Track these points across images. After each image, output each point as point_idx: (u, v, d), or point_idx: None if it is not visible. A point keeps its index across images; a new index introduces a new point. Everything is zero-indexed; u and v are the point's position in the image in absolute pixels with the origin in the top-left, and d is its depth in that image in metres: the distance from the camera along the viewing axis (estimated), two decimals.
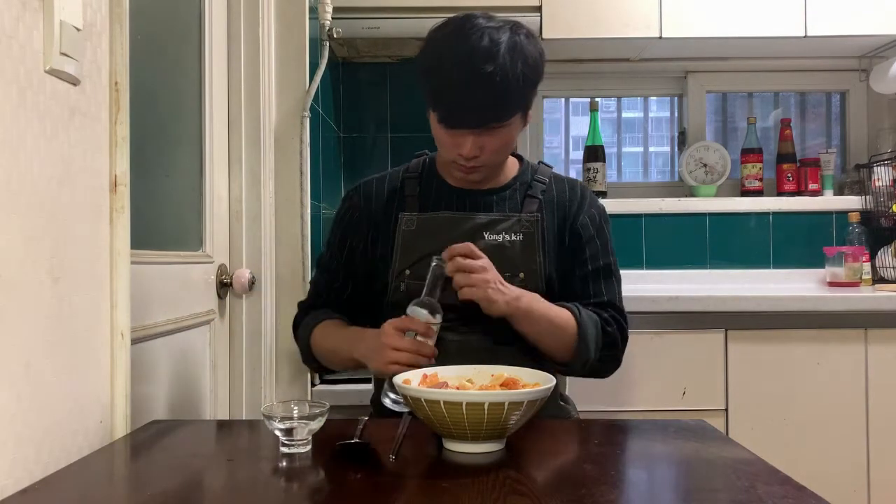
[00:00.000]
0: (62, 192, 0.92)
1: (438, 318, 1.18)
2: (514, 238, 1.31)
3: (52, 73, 0.90)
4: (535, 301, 1.25)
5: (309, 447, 0.93)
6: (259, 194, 1.83)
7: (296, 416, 0.94)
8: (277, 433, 0.93)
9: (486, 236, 1.31)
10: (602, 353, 1.31)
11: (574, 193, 1.39)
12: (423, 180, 1.38)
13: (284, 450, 0.93)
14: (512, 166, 1.40)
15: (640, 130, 2.96)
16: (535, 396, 0.91)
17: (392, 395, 1.13)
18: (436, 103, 1.22)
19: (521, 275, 1.29)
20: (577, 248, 1.36)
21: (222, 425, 1.20)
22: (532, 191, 1.36)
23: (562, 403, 1.40)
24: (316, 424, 0.94)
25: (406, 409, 1.07)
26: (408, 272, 1.30)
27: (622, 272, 1.43)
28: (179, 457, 0.95)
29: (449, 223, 1.32)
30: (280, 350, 1.90)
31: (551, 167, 1.43)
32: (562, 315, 1.27)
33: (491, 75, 1.15)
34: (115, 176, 1.04)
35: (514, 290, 1.23)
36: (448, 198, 1.35)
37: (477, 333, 1.28)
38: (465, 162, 1.26)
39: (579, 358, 1.27)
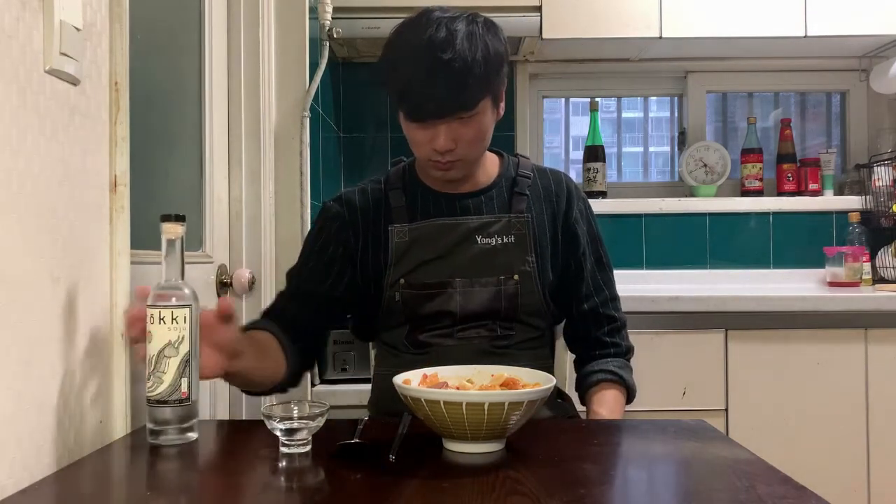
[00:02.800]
0: (62, 192, 0.92)
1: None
2: (506, 240, 1.31)
3: (52, 73, 0.90)
4: (609, 412, 1.31)
5: (309, 447, 0.93)
6: (259, 194, 1.83)
7: (296, 416, 0.94)
8: (277, 433, 0.93)
9: (478, 240, 1.30)
10: (630, 361, 1.42)
11: (560, 187, 1.38)
12: (407, 190, 1.35)
13: (284, 450, 0.93)
14: (493, 163, 1.38)
15: (640, 130, 2.96)
16: (535, 396, 0.91)
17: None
18: (401, 100, 1.21)
19: (515, 276, 1.29)
20: (574, 246, 1.37)
21: (222, 425, 1.20)
22: (518, 187, 1.35)
23: (559, 401, 1.40)
24: (316, 424, 0.94)
25: None
26: (402, 281, 1.29)
27: (622, 272, 1.45)
28: (179, 457, 0.95)
29: (441, 230, 1.31)
30: None
31: (528, 158, 1.43)
32: (620, 401, 1.34)
33: (450, 62, 1.15)
34: (115, 176, 1.04)
35: (597, 413, 1.31)
36: (436, 204, 1.33)
37: (474, 337, 1.29)
38: (441, 157, 1.23)
39: (632, 398, 1.38)
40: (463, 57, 1.16)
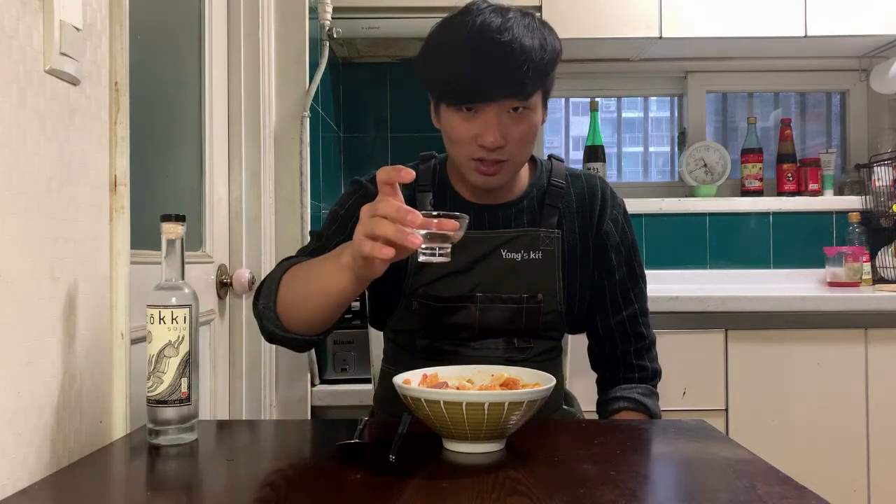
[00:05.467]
0: (62, 192, 0.92)
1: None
2: (532, 256, 1.24)
3: (52, 73, 0.90)
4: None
5: (449, 259, 0.89)
6: (259, 194, 1.83)
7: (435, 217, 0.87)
8: (420, 238, 0.87)
9: (503, 254, 1.24)
10: (657, 386, 1.36)
11: (594, 196, 1.31)
12: (435, 193, 1.28)
13: (423, 258, 0.88)
14: (525, 170, 1.30)
15: (640, 130, 2.96)
16: (535, 396, 0.91)
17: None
18: (450, 85, 1.12)
19: (539, 295, 1.24)
20: (603, 257, 1.31)
21: (223, 425, 1.20)
22: (550, 198, 1.28)
23: (566, 408, 1.38)
24: (457, 234, 0.88)
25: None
26: (420, 290, 1.24)
27: None
28: (179, 457, 0.95)
29: (465, 243, 1.20)
30: (280, 350, 1.90)
31: (562, 160, 1.35)
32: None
33: (508, 43, 1.08)
34: (115, 176, 1.04)
35: None
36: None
37: (490, 348, 1.26)
38: (488, 155, 1.14)
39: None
40: (521, 41, 1.08)
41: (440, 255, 0.89)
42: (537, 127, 1.18)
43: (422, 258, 0.89)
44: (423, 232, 0.87)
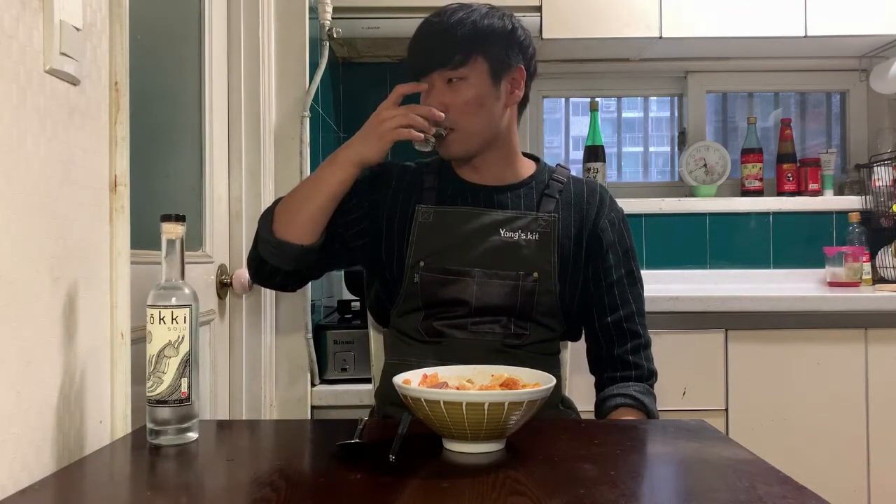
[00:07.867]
0: (62, 192, 0.92)
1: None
2: (529, 237, 1.31)
3: (52, 73, 0.90)
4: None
5: (432, 147, 1.28)
6: (259, 194, 1.83)
7: None
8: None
9: (501, 233, 1.30)
10: (653, 387, 1.38)
11: (593, 196, 1.38)
12: (440, 174, 1.38)
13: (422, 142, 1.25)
14: (526, 166, 1.39)
15: (640, 130, 2.96)
16: (535, 396, 0.91)
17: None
18: (407, 68, 1.32)
19: (535, 274, 1.29)
20: (598, 255, 1.35)
21: (222, 425, 1.20)
22: (549, 190, 1.36)
23: (562, 408, 1.39)
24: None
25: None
26: (422, 264, 1.30)
27: None
28: (179, 457, 0.95)
29: (465, 217, 1.32)
30: (280, 350, 1.90)
31: (568, 169, 1.43)
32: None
33: (437, 23, 1.27)
34: (115, 176, 1.04)
35: None
36: (464, 193, 1.35)
37: (487, 333, 1.29)
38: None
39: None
40: (450, 20, 1.26)
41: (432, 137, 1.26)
42: (482, 97, 1.28)
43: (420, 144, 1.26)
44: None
